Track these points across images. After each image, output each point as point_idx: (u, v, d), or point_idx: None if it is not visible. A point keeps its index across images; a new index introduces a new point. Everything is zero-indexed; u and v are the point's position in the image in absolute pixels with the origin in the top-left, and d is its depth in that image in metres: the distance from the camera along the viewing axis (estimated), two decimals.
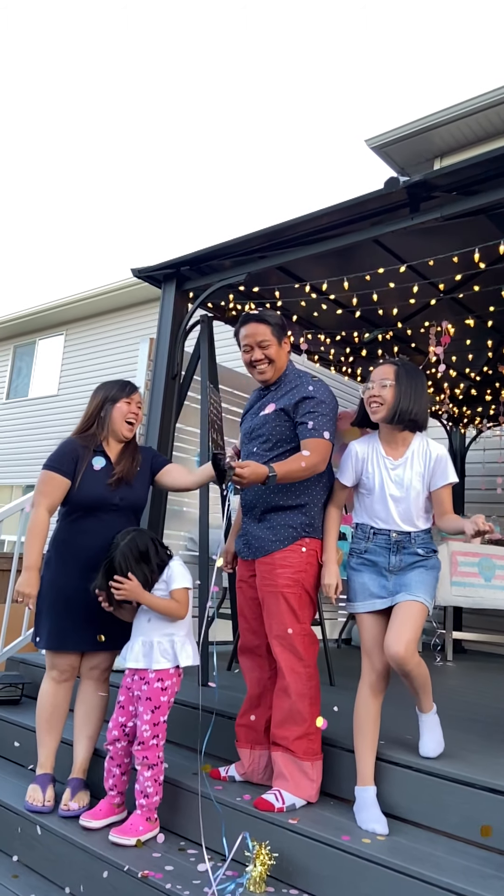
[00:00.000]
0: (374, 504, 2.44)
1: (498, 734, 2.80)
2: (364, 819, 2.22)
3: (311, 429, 2.40)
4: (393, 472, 2.43)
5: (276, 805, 2.27)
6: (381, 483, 2.43)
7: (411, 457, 2.44)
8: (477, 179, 2.84)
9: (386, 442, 2.48)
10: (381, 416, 2.42)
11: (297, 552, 2.42)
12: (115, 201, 51.61)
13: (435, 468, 2.42)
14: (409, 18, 49.23)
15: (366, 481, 2.48)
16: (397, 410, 2.39)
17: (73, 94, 55.59)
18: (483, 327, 4.37)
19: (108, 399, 2.77)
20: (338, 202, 3.11)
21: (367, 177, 36.41)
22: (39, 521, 2.62)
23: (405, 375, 2.44)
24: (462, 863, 1.99)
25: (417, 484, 2.41)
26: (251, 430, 2.58)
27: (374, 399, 2.43)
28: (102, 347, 11.86)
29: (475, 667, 5.02)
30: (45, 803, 2.59)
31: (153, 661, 2.45)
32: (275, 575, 2.41)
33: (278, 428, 2.49)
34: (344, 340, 4.78)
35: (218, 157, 55.02)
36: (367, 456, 2.48)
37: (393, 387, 2.41)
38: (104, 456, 2.74)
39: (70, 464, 2.67)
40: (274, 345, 2.54)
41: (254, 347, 2.54)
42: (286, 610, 2.38)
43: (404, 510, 2.41)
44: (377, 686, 2.38)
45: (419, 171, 7.77)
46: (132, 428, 2.78)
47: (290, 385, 2.55)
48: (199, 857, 2.31)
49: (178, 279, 3.97)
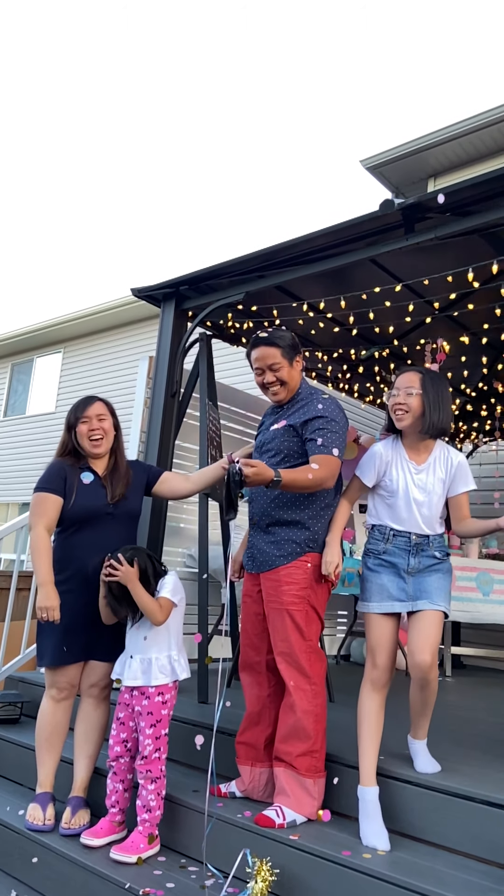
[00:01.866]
0: (398, 507, 2.50)
1: (498, 749, 2.81)
2: (366, 833, 2.23)
3: (320, 445, 2.42)
4: (417, 476, 2.49)
5: (277, 821, 2.28)
6: (405, 487, 2.49)
7: (434, 462, 2.51)
8: (470, 201, 2.90)
9: (410, 447, 2.54)
10: (407, 424, 2.49)
11: (303, 568, 2.44)
12: (113, 220, 52.02)
13: (456, 474, 2.50)
14: (405, 40, 50.03)
15: (388, 484, 2.52)
16: (428, 422, 2.46)
17: (71, 110, 56.22)
18: (478, 344, 4.43)
19: (70, 425, 2.80)
20: (334, 223, 3.17)
21: (362, 196, 36.82)
22: (40, 539, 2.65)
23: (430, 384, 2.50)
24: (463, 877, 2.00)
25: (439, 489, 2.49)
26: (261, 445, 2.62)
27: (400, 406, 2.49)
28: (100, 365, 11.93)
29: (474, 682, 5.02)
30: (46, 822, 2.59)
31: (152, 678, 2.48)
32: (280, 591, 2.42)
33: (286, 443, 2.52)
34: (341, 357, 4.83)
35: (216, 175, 55.57)
36: (391, 459, 2.53)
37: (419, 395, 2.47)
38: (91, 471, 2.77)
39: (59, 482, 2.71)
40: (285, 367, 2.54)
41: (265, 371, 2.54)
42: (291, 627, 2.39)
43: (427, 514, 2.48)
44: (379, 682, 2.41)
45: (414, 191, 7.90)
46: (99, 443, 2.76)
47: (302, 403, 2.57)
48: (200, 874, 2.31)
49: (177, 298, 4.02)
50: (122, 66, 52.67)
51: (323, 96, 55.96)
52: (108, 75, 53.55)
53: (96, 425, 2.76)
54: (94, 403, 2.79)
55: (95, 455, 2.78)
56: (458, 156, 7.35)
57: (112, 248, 50.44)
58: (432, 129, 7.16)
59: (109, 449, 2.81)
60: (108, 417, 2.80)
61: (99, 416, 2.77)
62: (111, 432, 2.80)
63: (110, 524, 2.72)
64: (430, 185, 7.71)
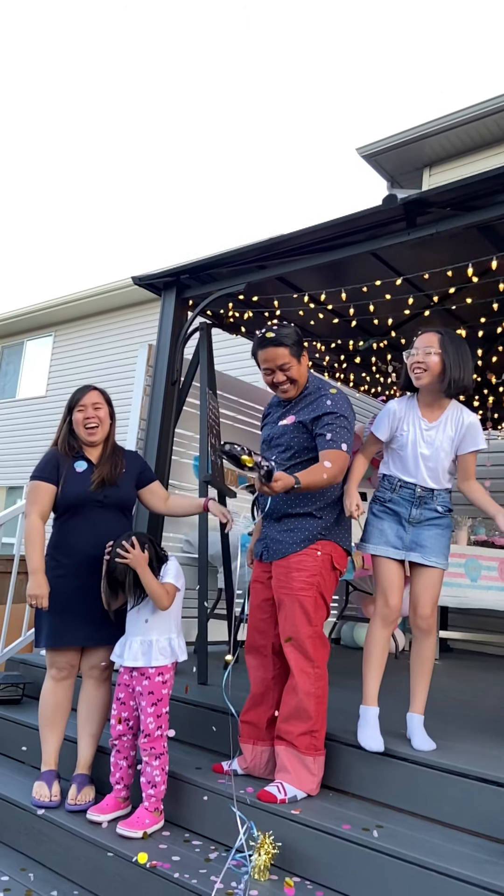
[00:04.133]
0: (406, 459, 2.64)
1: (488, 728, 2.92)
2: (364, 737, 2.49)
3: (329, 440, 2.49)
4: (426, 432, 2.63)
5: (279, 797, 2.37)
6: (413, 441, 2.63)
7: (445, 421, 2.63)
8: (471, 197, 2.96)
9: (424, 405, 2.66)
10: (425, 382, 2.59)
11: (313, 556, 2.52)
12: (107, 203, 51.44)
13: (466, 433, 2.61)
14: (403, 30, 49.61)
15: (399, 437, 2.67)
16: (448, 379, 2.56)
17: (63, 94, 55.33)
18: (473, 336, 4.50)
19: (67, 411, 2.88)
20: (336, 217, 3.22)
21: (358, 184, 36.71)
22: (34, 527, 2.74)
23: (450, 343, 2.59)
24: (457, 849, 2.10)
25: (447, 446, 2.61)
26: (270, 439, 2.67)
27: (418, 365, 2.59)
28: (92, 349, 11.90)
29: (462, 665, 5.16)
30: (52, 798, 2.67)
31: (152, 659, 2.56)
32: (290, 578, 2.50)
33: (297, 439, 2.58)
34: (339, 348, 4.89)
35: (213, 159, 55.05)
36: (403, 415, 2.67)
37: (439, 354, 2.57)
38: (85, 460, 2.84)
39: (52, 471, 2.80)
40: (294, 365, 2.58)
41: (275, 371, 2.57)
42: (300, 613, 2.47)
43: (432, 468, 2.62)
44: (388, 618, 2.61)
45: (409, 180, 7.93)
46: (94, 431, 2.83)
47: (311, 399, 2.61)
48: (204, 847, 2.40)
49: (177, 287, 4.06)
50: (119, 54, 51.85)
51: (322, 85, 55.51)
52: (104, 60, 52.70)
53: (91, 413, 2.82)
54: (90, 392, 2.86)
55: (91, 443, 2.84)
56: (453, 146, 7.38)
57: (104, 232, 49.94)
58: (428, 118, 7.19)
59: (105, 437, 2.87)
60: (103, 406, 2.86)
61: (95, 404, 2.84)
62: (106, 421, 2.87)
63: (100, 512, 2.78)
64: (426, 175, 7.74)
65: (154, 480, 3.01)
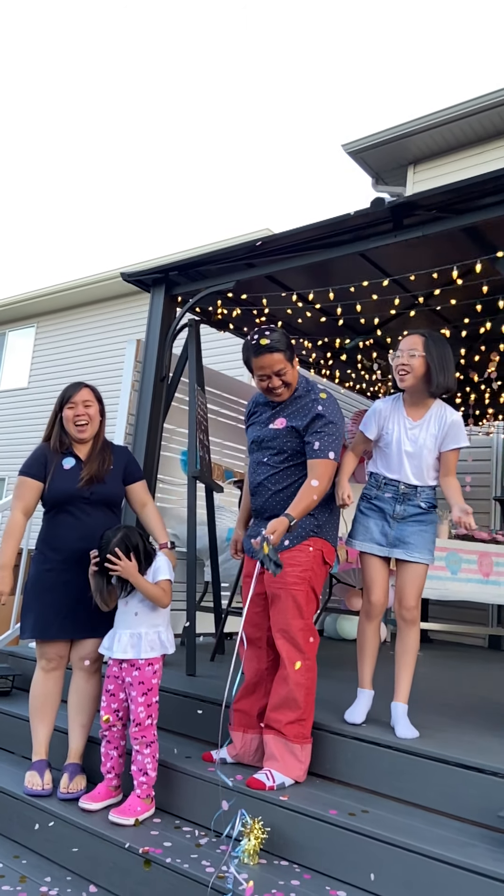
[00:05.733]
0: (390, 457, 2.76)
1: (468, 716, 3.02)
2: (350, 713, 2.71)
3: (316, 449, 2.56)
4: (410, 431, 2.73)
5: (268, 784, 2.45)
6: (398, 439, 2.74)
7: (429, 419, 2.74)
8: (456, 200, 3.03)
9: (409, 404, 2.78)
10: (409, 384, 2.71)
11: (305, 551, 2.60)
12: (91, 194, 50.94)
13: (448, 431, 2.71)
14: (390, 30, 49.59)
15: (385, 436, 2.78)
16: (435, 382, 2.67)
17: (45, 86, 54.61)
18: (457, 336, 4.60)
19: (58, 408, 2.91)
20: (325, 218, 3.28)
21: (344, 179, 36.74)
22: (14, 522, 2.80)
23: (434, 346, 2.70)
24: (440, 832, 2.19)
25: (430, 443, 2.71)
26: (261, 440, 2.71)
27: (403, 367, 2.70)
28: (76, 341, 11.85)
29: (442, 655, 5.28)
30: (45, 787, 2.72)
31: (142, 651, 2.61)
32: (284, 573, 2.57)
33: (289, 443, 2.64)
34: (325, 345, 4.96)
35: (198, 150, 54.70)
36: (389, 414, 2.80)
37: (422, 356, 2.67)
38: (74, 456, 2.87)
39: (40, 467, 2.84)
40: (289, 369, 2.63)
41: (271, 377, 2.62)
42: (292, 606, 2.55)
43: (416, 465, 2.72)
44: (371, 613, 2.79)
45: (394, 177, 8.00)
46: (84, 428, 2.86)
47: (301, 402, 2.67)
48: (195, 834, 2.47)
49: (166, 284, 4.09)
50: (104, 46, 51.24)
51: (309, 81, 55.40)
52: (87, 52, 52.04)
53: (82, 411, 2.85)
54: (81, 389, 2.89)
55: (80, 440, 2.88)
56: (437, 144, 7.46)
57: (89, 223, 49.49)
58: (413, 116, 7.25)
59: (94, 434, 2.91)
60: (94, 404, 2.90)
61: (85, 402, 2.87)
62: (96, 418, 2.91)
63: (87, 508, 2.83)
64: (410, 172, 7.81)
65: (137, 481, 3.01)
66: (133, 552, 2.62)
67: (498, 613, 6.33)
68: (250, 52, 53.20)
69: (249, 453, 2.79)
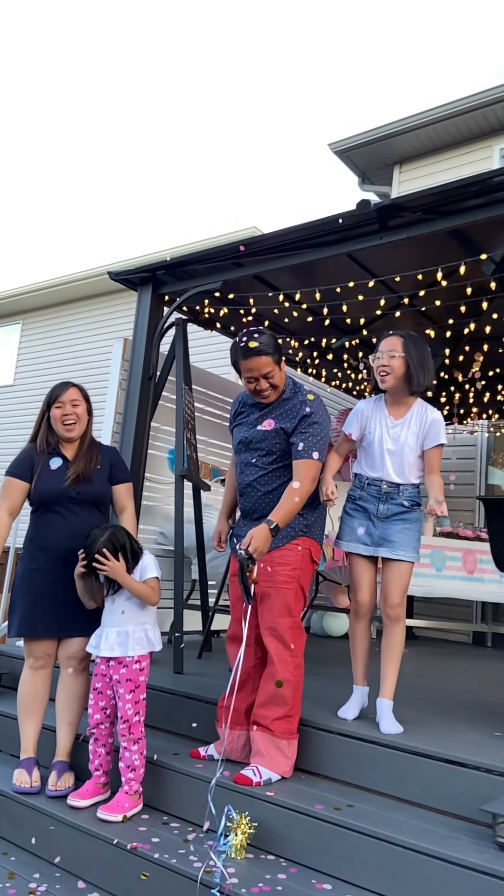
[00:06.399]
0: (373, 456, 2.81)
1: (452, 711, 3.07)
2: (342, 709, 2.78)
3: (300, 450, 2.59)
4: (392, 430, 2.79)
5: (254, 779, 2.48)
6: (380, 438, 2.79)
7: (410, 418, 2.79)
8: (441, 202, 3.07)
9: (391, 404, 2.84)
10: (390, 384, 2.77)
11: (294, 551, 2.63)
12: (78, 191, 50.65)
13: (429, 430, 2.77)
14: (376, 31, 49.68)
15: (367, 435, 2.84)
16: (415, 381, 2.73)
17: (28, 83, 54.18)
18: (442, 336, 4.65)
19: (46, 407, 2.92)
20: (312, 220, 3.31)
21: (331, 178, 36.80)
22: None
23: (413, 346, 2.76)
24: (423, 826, 2.23)
25: (412, 441, 2.76)
26: (249, 441, 2.73)
27: (383, 368, 2.76)
28: (63, 338, 11.79)
29: (427, 652, 5.34)
30: (33, 784, 2.74)
31: (129, 649, 2.64)
32: (274, 572, 2.60)
33: (278, 444, 2.66)
34: (312, 344, 4.99)
35: (185, 147, 54.53)
36: (371, 414, 2.86)
37: (402, 357, 2.74)
38: (61, 456, 2.89)
39: (26, 468, 2.86)
40: (276, 371, 2.65)
41: (259, 379, 2.63)
42: (282, 605, 2.58)
43: (398, 463, 2.77)
44: (358, 612, 2.85)
45: (380, 176, 8.04)
46: (72, 427, 2.87)
47: (289, 403, 2.69)
48: (182, 829, 2.49)
49: (153, 283, 4.10)
50: (90, 44, 50.88)
51: (297, 79, 55.41)
52: (74, 51, 51.66)
53: (70, 410, 2.87)
54: (68, 389, 2.90)
55: (68, 439, 2.90)
56: (423, 144, 7.51)
57: (73, 220, 49.20)
58: (399, 116, 7.29)
59: (82, 434, 2.92)
60: (81, 403, 2.92)
61: (73, 401, 2.89)
62: (84, 417, 2.93)
63: (74, 507, 2.84)
64: (396, 171, 7.85)
65: (122, 483, 2.99)
66: (120, 551, 2.63)
67: (482, 610, 6.41)
68: (238, 52, 53.11)
69: (236, 453, 2.81)
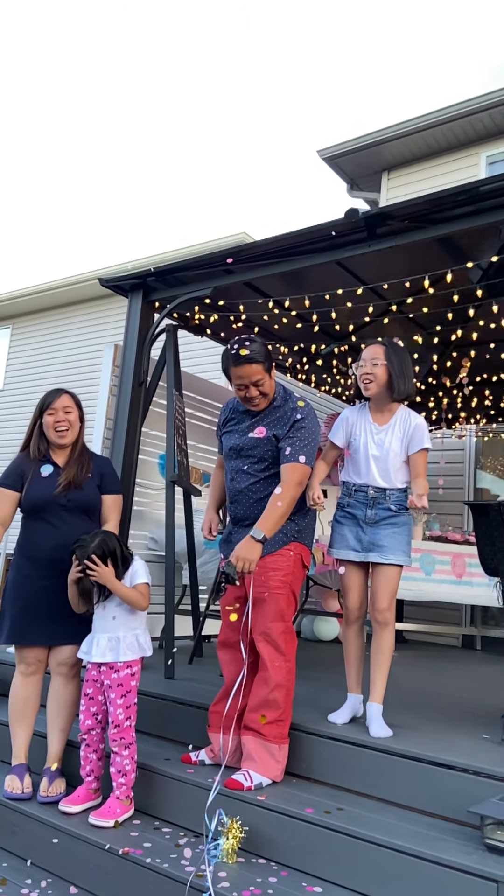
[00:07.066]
0: (359, 462, 2.86)
1: (441, 714, 3.10)
2: (334, 714, 2.81)
3: (287, 454, 2.63)
4: (376, 436, 2.85)
5: (245, 784, 2.49)
6: (365, 444, 2.86)
7: (394, 424, 2.86)
8: (428, 211, 3.11)
9: (375, 411, 2.91)
10: (374, 392, 2.84)
11: (286, 556, 2.66)
12: (68, 196, 50.57)
13: (413, 434, 2.84)
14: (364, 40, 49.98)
15: (353, 442, 2.90)
16: (396, 388, 2.81)
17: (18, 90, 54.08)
18: (429, 342, 4.69)
19: (38, 414, 2.93)
20: (301, 228, 3.35)
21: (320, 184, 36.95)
22: None
23: (394, 354, 2.84)
24: (411, 828, 2.26)
25: (396, 446, 2.83)
26: (240, 449, 2.75)
27: (367, 376, 2.83)
28: (53, 342, 11.77)
29: (416, 655, 5.38)
30: (24, 790, 2.74)
31: (120, 654, 2.65)
32: (267, 578, 2.62)
33: (270, 451, 2.69)
34: (301, 350, 5.03)
35: (176, 153, 54.56)
36: (356, 421, 2.92)
37: (385, 365, 2.81)
38: (52, 464, 2.90)
39: (16, 477, 2.87)
40: (266, 379, 2.68)
41: (248, 386, 2.66)
42: (275, 610, 2.60)
43: (383, 468, 2.83)
44: (349, 618, 2.88)
45: (368, 183, 8.10)
46: (64, 434, 2.89)
47: (280, 411, 2.72)
48: (174, 834, 2.51)
49: (144, 289, 4.12)
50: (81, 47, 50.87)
51: (287, 86, 55.66)
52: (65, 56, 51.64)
53: (62, 417, 2.89)
54: (61, 396, 2.92)
55: (60, 445, 2.91)
56: (411, 151, 7.58)
57: (63, 225, 49.12)
58: (387, 124, 7.36)
59: (74, 440, 2.94)
60: (74, 410, 2.93)
61: (65, 408, 2.90)
62: (76, 424, 2.94)
63: (64, 515, 2.85)
64: (384, 178, 7.92)
65: (110, 494, 2.98)
66: (110, 557, 2.65)
67: (471, 613, 6.46)
68: (228, 60, 53.31)
69: (226, 459, 2.83)
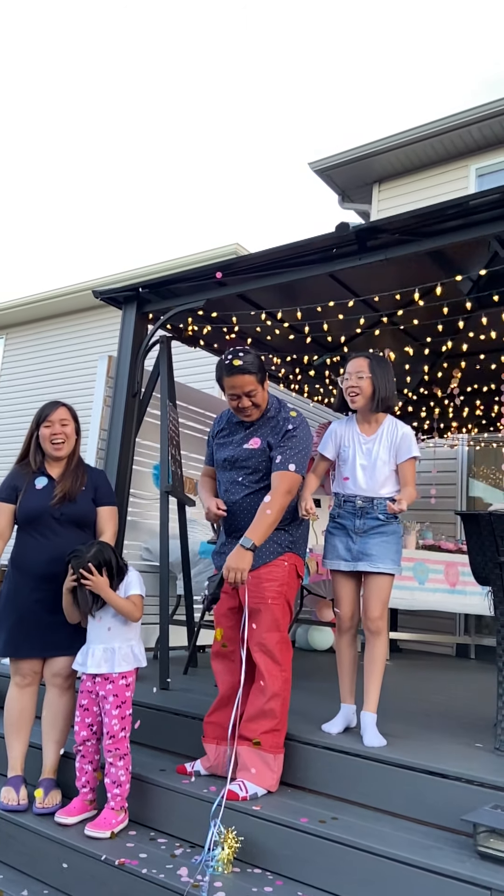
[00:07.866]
0: (347, 473, 2.91)
1: (435, 723, 3.12)
2: (328, 724, 2.84)
3: (277, 463, 2.66)
4: (364, 446, 2.91)
5: (241, 794, 2.50)
6: (353, 455, 2.91)
7: (382, 433, 2.91)
8: (418, 225, 3.16)
9: (362, 422, 2.96)
10: (360, 405, 2.90)
11: (281, 566, 2.68)
12: (62, 206, 50.70)
13: (400, 444, 2.89)
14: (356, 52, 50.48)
15: (342, 453, 2.96)
16: (378, 399, 2.87)
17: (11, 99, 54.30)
18: (421, 353, 4.74)
19: (35, 426, 2.96)
20: (293, 241, 3.39)
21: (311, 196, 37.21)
22: None
23: (378, 366, 2.90)
24: (406, 837, 2.27)
25: (384, 455, 2.87)
26: (234, 460, 2.77)
27: (353, 389, 2.89)
28: (46, 353, 11.78)
29: (410, 664, 5.39)
30: (20, 802, 2.75)
31: (115, 665, 2.66)
32: (262, 588, 2.64)
33: (264, 462, 2.72)
34: (294, 361, 5.07)
35: (168, 164, 54.84)
36: (344, 433, 2.98)
37: (369, 377, 2.87)
38: (46, 476, 2.92)
39: (11, 490, 2.89)
40: (259, 390, 2.71)
41: (241, 396, 2.69)
42: (270, 620, 2.62)
43: (370, 477, 2.87)
44: (342, 627, 2.91)
45: (359, 195, 8.18)
46: (60, 446, 2.91)
47: (273, 421, 2.75)
48: (170, 845, 2.51)
49: (138, 301, 4.15)
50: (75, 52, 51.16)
51: (279, 98, 56.13)
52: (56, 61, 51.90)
53: (58, 430, 2.91)
54: (58, 408, 2.95)
55: (56, 458, 2.93)
56: (402, 164, 7.66)
57: (56, 236, 49.22)
58: (378, 136, 7.45)
59: (70, 453, 2.96)
60: (70, 423, 2.96)
61: (62, 420, 2.93)
62: (73, 437, 2.97)
63: (57, 528, 2.86)
64: (375, 190, 8.00)
65: (105, 506, 2.99)
66: (105, 567, 2.67)
67: (465, 622, 6.48)
68: (221, 74, 53.73)
69: (221, 471, 2.85)
